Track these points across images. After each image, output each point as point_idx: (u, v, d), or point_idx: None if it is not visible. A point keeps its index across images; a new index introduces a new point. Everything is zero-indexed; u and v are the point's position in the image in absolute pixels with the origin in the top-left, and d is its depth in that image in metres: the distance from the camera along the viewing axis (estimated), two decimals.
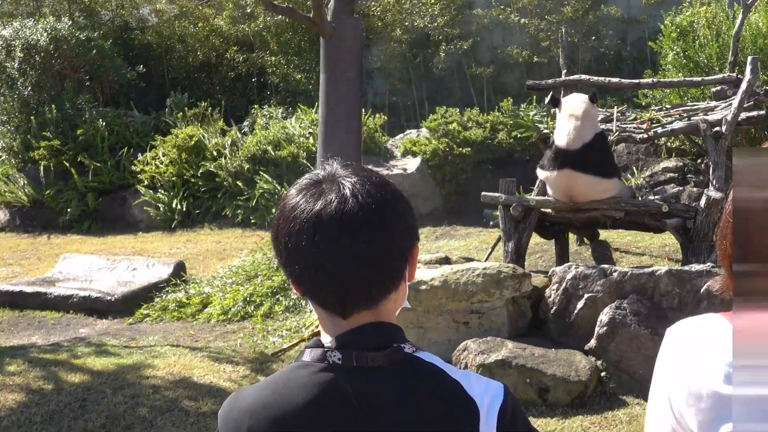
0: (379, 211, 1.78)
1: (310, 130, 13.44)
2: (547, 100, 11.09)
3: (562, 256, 9.24)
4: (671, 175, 11.39)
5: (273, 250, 1.90)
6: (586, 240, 9.96)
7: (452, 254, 9.11)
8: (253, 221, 12.73)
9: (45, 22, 14.99)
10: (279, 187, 12.77)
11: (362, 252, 1.76)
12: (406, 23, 16.25)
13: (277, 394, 1.82)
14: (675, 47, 12.04)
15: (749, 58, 8.73)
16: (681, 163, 11.52)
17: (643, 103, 12.02)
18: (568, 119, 8.35)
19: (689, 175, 11.30)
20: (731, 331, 1.73)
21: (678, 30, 12.07)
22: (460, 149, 12.69)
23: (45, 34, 14.63)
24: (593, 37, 15.15)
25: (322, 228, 1.75)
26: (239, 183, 13.11)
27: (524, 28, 15.64)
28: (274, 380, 1.87)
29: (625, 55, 15.44)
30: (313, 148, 12.92)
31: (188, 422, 6.66)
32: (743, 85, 8.53)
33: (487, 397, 1.82)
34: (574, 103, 8.40)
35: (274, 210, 12.27)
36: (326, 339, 1.84)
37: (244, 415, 1.83)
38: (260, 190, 12.85)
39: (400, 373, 1.79)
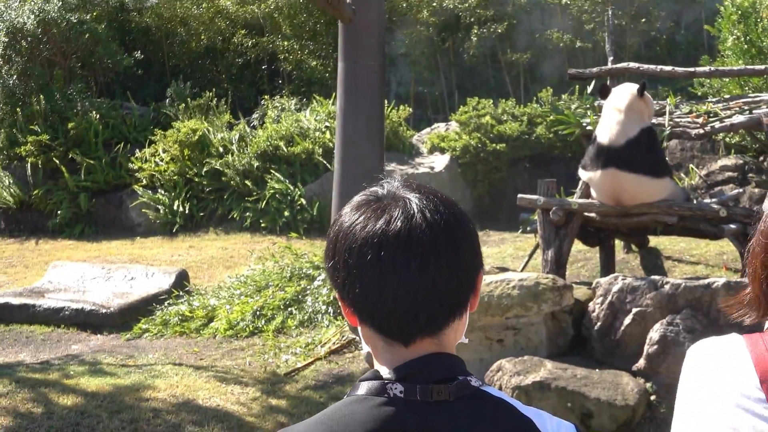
0: (448, 230, 1.79)
1: (327, 124, 13.48)
2: (590, 89, 11.14)
3: (607, 266, 9.24)
4: (730, 174, 11.36)
5: (327, 273, 1.90)
6: (634, 247, 9.97)
7: (485, 263, 9.13)
8: (263, 225, 12.77)
9: (32, 3, 15.07)
10: (292, 188, 12.82)
11: (430, 275, 1.77)
12: (434, 4, 16.24)
13: (330, 429, 1.81)
14: (735, 31, 12.02)
15: None
16: (741, 161, 11.48)
17: (699, 94, 12.02)
18: (612, 112, 8.40)
19: (750, 175, 11.27)
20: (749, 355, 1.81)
21: (739, 12, 12.05)
22: (494, 145, 12.72)
23: (32, 17, 14.70)
24: (643, 20, 15.14)
25: (388, 247, 1.76)
26: (248, 183, 13.17)
27: (566, 9, 15.65)
28: (328, 417, 1.85)
29: (679, 40, 15.42)
30: (330, 144, 12.95)
31: None
32: None
33: None
34: (619, 95, 8.44)
35: (286, 213, 12.40)
36: (383, 370, 1.82)
37: None
38: (271, 191, 12.91)
39: (467, 408, 1.79)
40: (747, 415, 1.80)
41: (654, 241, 9.75)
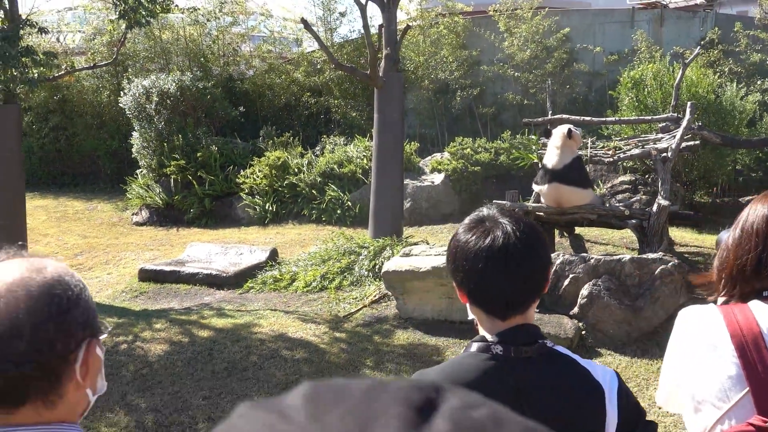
0: (531, 244, 1.80)
1: (364, 153, 13.43)
2: (536, 132, 11.08)
3: (550, 247, 9.20)
4: (626, 186, 11.28)
5: (449, 272, 1.91)
6: (565, 234, 9.91)
7: None
8: (323, 219, 12.73)
9: (173, 75, 15.08)
10: (342, 195, 12.78)
11: (522, 274, 1.78)
12: (432, 76, 16.21)
13: (454, 375, 1.82)
14: (630, 94, 11.95)
15: (689, 103, 8.69)
16: (633, 178, 11.42)
17: (605, 134, 11.94)
18: (553, 147, 8.36)
19: (640, 186, 11.19)
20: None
21: (632, 81, 11.97)
22: (473, 168, 12.64)
23: (173, 84, 14.69)
24: (567, 86, 15.06)
25: (493, 257, 1.77)
26: (314, 191, 13.12)
27: (517, 79, 15.56)
28: (449, 366, 1.88)
29: (591, 99, 15.31)
30: (367, 167, 12.91)
31: (286, 366, 6.69)
32: (684, 122, 8.49)
33: (608, 381, 1.83)
34: (556, 136, 8.40)
35: (338, 211, 12.40)
36: (488, 336, 1.83)
37: None
38: (328, 197, 12.86)
39: (545, 363, 1.80)
40: (719, 356, 1.76)
41: (579, 230, 9.68)
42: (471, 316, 1.91)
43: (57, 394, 1.28)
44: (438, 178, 12.87)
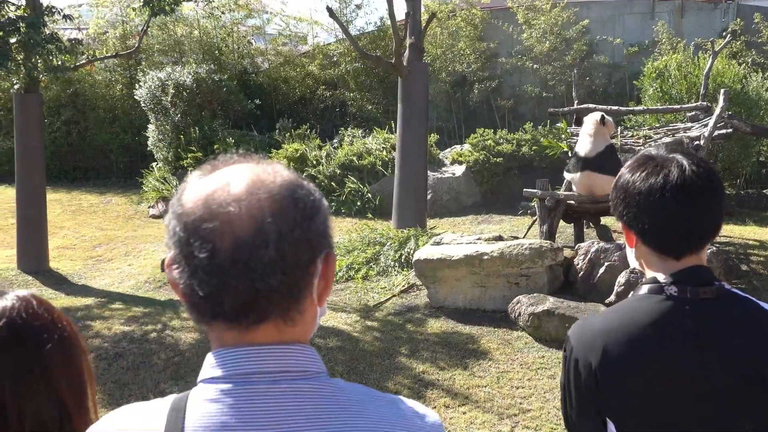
0: (709, 179, 1.72)
1: (383, 145, 13.37)
2: (561, 123, 11.02)
3: (579, 236, 9.12)
4: None
5: (617, 208, 1.81)
6: (591, 224, 9.84)
7: (495, 234, 9.01)
8: (343, 211, 12.64)
9: (189, 68, 15.05)
10: (362, 187, 12.72)
11: (701, 207, 1.70)
12: (450, 68, 16.14)
13: (625, 319, 1.72)
14: (654, 84, 11.88)
15: (722, 91, 8.59)
16: None
17: (628, 125, 11.85)
18: (586, 135, 8.29)
19: None
20: None
21: (656, 71, 11.90)
22: (494, 159, 12.58)
23: (190, 77, 14.67)
24: (587, 78, 14.97)
25: (671, 190, 1.69)
26: (333, 183, 13.05)
27: (536, 72, 15.49)
28: (620, 309, 1.78)
29: (610, 92, 15.22)
30: (386, 159, 12.87)
31: (321, 354, 6.63)
32: (717, 110, 8.39)
33: None
34: (589, 124, 8.33)
35: (358, 203, 12.32)
36: (659, 276, 1.74)
37: (597, 336, 1.72)
38: (348, 189, 12.80)
39: (725, 304, 1.70)
40: None
41: (604, 221, 9.61)
42: (633, 263, 1.84)
43: (297, 310, 1.17)
44: (459, 170, 12.80)
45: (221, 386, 1.16)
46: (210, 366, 1.19)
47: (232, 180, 1.18)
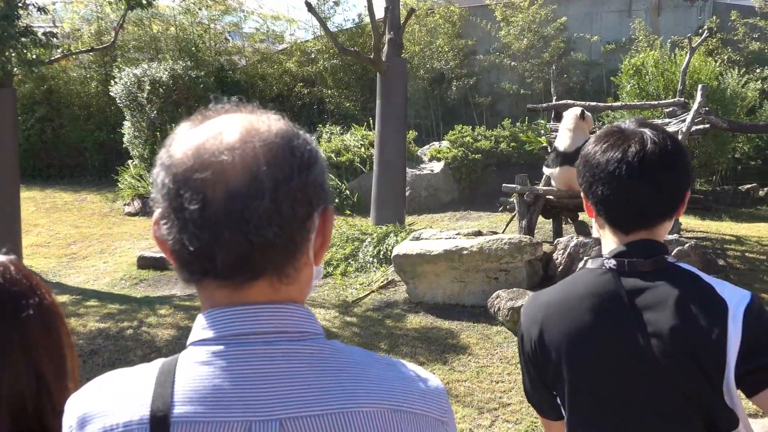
0: (670, 155, 1.70)
1: (361, 142, 13.34)
2: (540, 119, 11.04)
3: (558, 231, 9.16)
4: None
5: (579, 176, 1.81)
6: (570, 220, 9.86)
7: (470, 230, 9.01)
8: None
9: (165, 64, 14.92)
10: (340, 183, 12.68)
11: (656, 183, 1.69)
12: (428, 65, 16.16)
13: (565, 290, 1.76)
14: (631, 81, 11.95)
15: (699, 86, 8.63)
16: None
17: (606, 122, 11.91)
18: (565, 130, 8.30)
19: None
20: None
21: (633, 68, 11.97)
22: (473, 155, 12.60)
23: (166, 73, 14.55)
24: (565, 75, 15.03)
25: (626, 162, 1.68)
26: None
27: (514, 69, 15.53)
28: (563, 282, 1.82)
29: (587, 89, 15.31)
30: (365, 155, 12.84)
31: None
32: (695, 105, 8.43)
33: (736, 298, 1.67)
34: (568, 119, 8.34)
35: (336, 200, 12.27)
36: (605, 250, 1.76)
37: (539, 309, 1.79)
38: None
39: (662, 277, 1.69)
40: None
41: (582, 216, 9.62)
42: (596, 233, 1.85)
43: (293, 266, 1.10)
44: (437, 167, 12.80)
45: (213, 348, 1.10)
46: (200, 327, 1.13)
47: (224, 129, 1.11)
